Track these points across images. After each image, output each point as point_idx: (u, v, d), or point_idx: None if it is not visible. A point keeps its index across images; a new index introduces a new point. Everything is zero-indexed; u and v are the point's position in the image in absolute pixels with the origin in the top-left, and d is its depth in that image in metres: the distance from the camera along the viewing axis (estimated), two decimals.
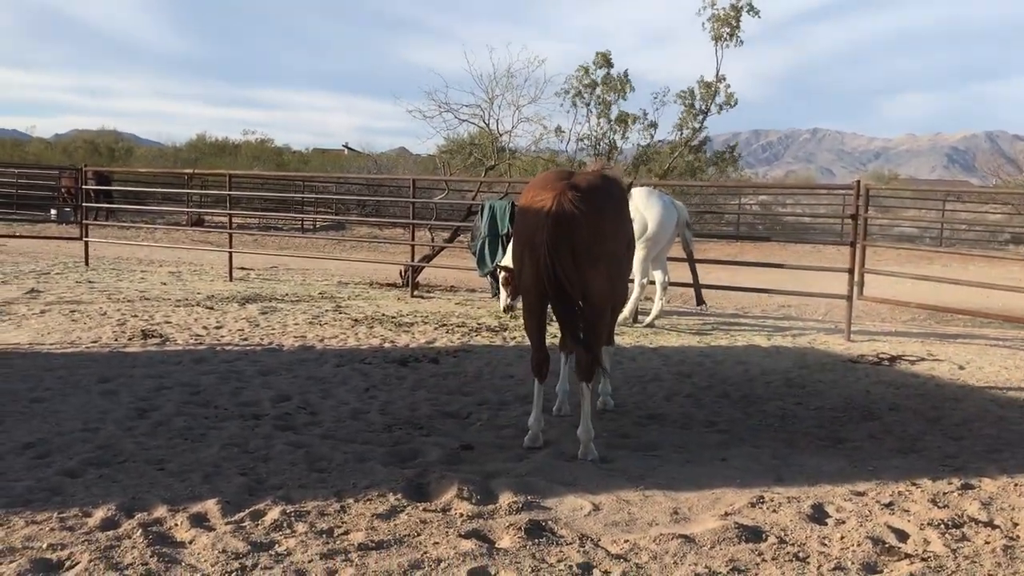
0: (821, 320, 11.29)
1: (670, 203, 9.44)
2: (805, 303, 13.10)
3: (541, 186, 4.84)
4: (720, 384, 6.82)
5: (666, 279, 9.68)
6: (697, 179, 20.84)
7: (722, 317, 11.12)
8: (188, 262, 16.75)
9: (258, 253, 18.45)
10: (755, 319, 11.07)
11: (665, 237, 9.38)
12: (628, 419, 5.67)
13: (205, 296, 11.26)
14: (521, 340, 8.55)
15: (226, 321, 9.26)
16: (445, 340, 8.56)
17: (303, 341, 8.24)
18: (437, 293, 12.89)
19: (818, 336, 9.58)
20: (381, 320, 9.69)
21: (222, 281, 13.46)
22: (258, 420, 5.36)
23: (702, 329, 9.82)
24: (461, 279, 14.65)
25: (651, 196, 9.36)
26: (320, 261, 17.92)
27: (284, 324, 9.22)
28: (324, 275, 15.48)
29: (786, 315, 11.93)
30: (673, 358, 7.91)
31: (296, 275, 15.21)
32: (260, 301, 10.98)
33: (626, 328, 9.51)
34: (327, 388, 6.29)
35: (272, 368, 6.91)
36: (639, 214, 9.18)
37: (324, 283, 13.94)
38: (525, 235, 4.77)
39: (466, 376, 6.87)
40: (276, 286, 13.00)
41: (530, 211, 4.75)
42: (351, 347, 8.05)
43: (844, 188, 14.87)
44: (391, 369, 7.04)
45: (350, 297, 11.87)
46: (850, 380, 7.14)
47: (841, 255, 20.41)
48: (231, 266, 13.79)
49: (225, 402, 5.76)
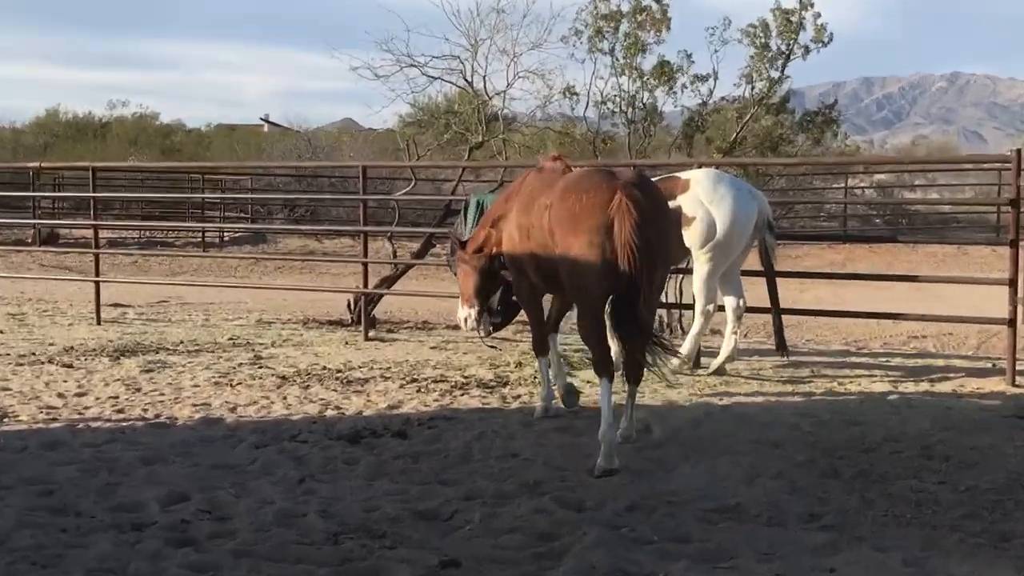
0: (971, 357, 11.28)
1: (748, 193, 9.51)
2: (947, 332, 13.10)
3: (588, 184, 6.92)
4: (824, 457, 6.80)
5: (742, 304, 9.72)
6: (780, 154, 20.93)
7: (825, 357, 11.11)
8: (36, 298, 16.81)
9: (139, 282, 18.52)
10: (874, 358, 11.07)
11: (740, 243, 9.45)
12: (688, 513, 5.65)
13: (61, 348, 11.26)
14: (528, 401, 8.56)
15: (92, 385, 9.22)
16: (416, 403, 8.55)
17: (206, 411, 8.21)
18: (403, 333, 12.90)
19: (968, 381, 9.57)
20: (321, 376, 9.68)
21: (86, 325, 13.46)
22: (141, 532, 5.34)
23: (796, 376, 9.82)
24: (439, 310, 14.67)
25: (718, 183, 9.44)
26: (231, 291, 17.96)
27: (178, 387, 9.19)
28: (237, 311, 15.51)
29: (920, 351, 11.93)
30: (755, 420, 7.87)
31: (196, 312, 15.23)
32: (142, 353, 10.99)
33: (684, 377, 9.53)
34: (242, 481, 6.26)
35: (160, 453, 6.87)
36: (701, 210, 9.26)
37: (237, 323, 13.95)
38: (584, 236, 6.71)
39: (448, 456, 6.84)
40: (166, 330, 13.01)
41: (582, 210, 6.74)
42: (277, 418, 8.02)
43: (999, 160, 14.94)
44: (336, 449, 7.01)
45: (275, 343, 11.89)
46: (1018, 446, 7.12)
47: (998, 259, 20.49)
48: (98, 302, 13.83)
49: (91, 507, 5.74)
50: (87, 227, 19.46)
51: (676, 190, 9.38)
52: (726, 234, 9.26)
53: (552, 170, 7.81)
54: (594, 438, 6.64)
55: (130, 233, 28.69)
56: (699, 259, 9.38)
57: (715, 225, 9.23)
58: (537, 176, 7.88)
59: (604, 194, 6.68)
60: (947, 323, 12.19)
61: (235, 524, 5.47)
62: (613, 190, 6.65)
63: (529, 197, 7.66)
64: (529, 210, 7.55)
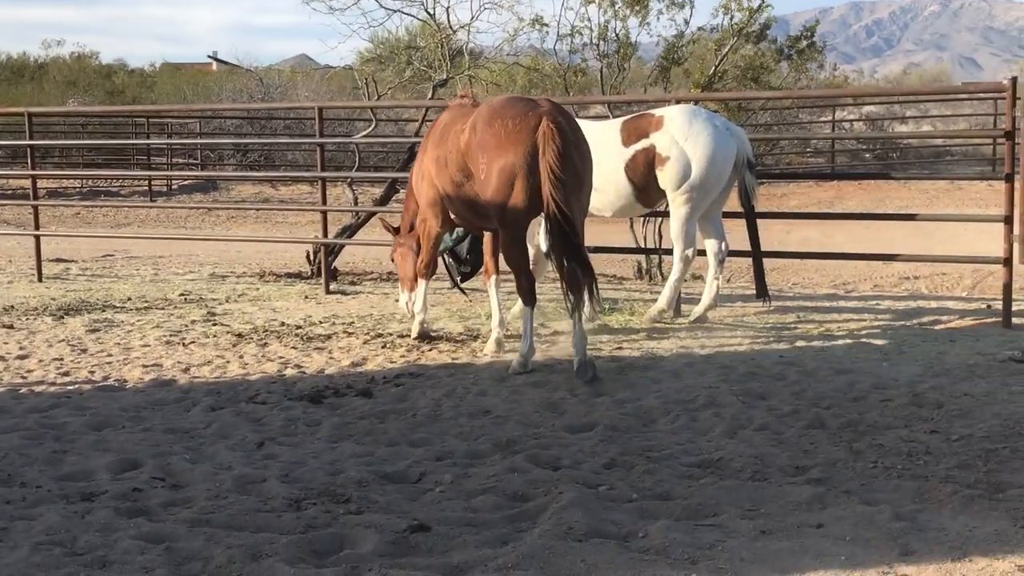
0: (965, 299, 11.40)
1: (724, 130, 9.52)
2: (939, 272, 13.21)
3: (513, 110, 7.69)
4: (811, 407, 6.87)
5: (724, 248, 9.76)
6: (762, 86, 20.88)
7: (812, 301, 11.20)
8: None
9: (82, 235, 18.37)
10: (863, 302, 11.17)
11: (719, 182, 9.48)
12: (668, 469, 5.71)
13: (0, 308, 11.22)
14: (496, 356, 8.61)
15: (35, 347, 9.21)
16: (381, 359, 8.59)
17: (157, 372, 8.23)
18: (367, 285, 12.90)
19: (962, 324, 9.67)
20: (280, 333, 9.70)
21: (26, 282, 13.39)
22: (91, 502, 5.34)
23: (782, 322, 9.91)
24: None
25: (694, 120, 9.43)
26: (181, 243, 17.87)
27: (127, 347, 9.19)
28: (188, 264, 15.44)
29: (911, 293, 12.04)
30: (737, 369, 7.95)
31: (144, 267, 15.16)
32: (88, 311, 10.97)
33: (663, 325, 9.59)
34: (198, 446, 6.28)
35: (110, 418, 6.88)
36: (675, 148, 9.26)
37: (188, 277, 13.91)
38: (509, 162, 7.57)
39: (416, 415, 6.88)
40: (112, 286, 12.96)
41: (507, 136, 7.58)
42: (233, 378, 8.04)
43: (994, 90, 15.00)
44: (297, 410, 7.04)
45: (230, 298, 11.88)
46: (1014, 392, 7.21)
47: (994, 194, 20.64)
48: (39, 258, 13.74)
49: (37, 476, 5.73)
50: (24, 177, 19.35)
51: (649, 128, 9.39)
52: (703, 174, 9.27)
53: (462, 106, 8.71)
54: (570, 395, 6.67)
55: (71, 183, 28.46)
56: (675, 201, 9.40)
57: (691, 165, 9.24)
58: (448, 113, 8.75)
59: (530, 119, 7.58)
60: (940, 263, 12.30)
61: (191, 492, 5.48)
62: (539, 116, 7.58)
63: (442, 131, 8.48)
64: (444, 141, 8.33)
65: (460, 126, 8.11)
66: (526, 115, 7.63)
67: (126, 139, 31.35)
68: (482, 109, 8.02)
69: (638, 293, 11.76)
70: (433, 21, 16.83)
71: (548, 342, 9.01)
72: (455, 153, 8.09)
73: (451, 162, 8.17)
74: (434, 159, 8.45)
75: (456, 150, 8.06)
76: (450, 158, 8.18)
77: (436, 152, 8.43)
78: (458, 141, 8.05)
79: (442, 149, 8.33)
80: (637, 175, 9.38)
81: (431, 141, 8.66)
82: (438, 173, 8.40)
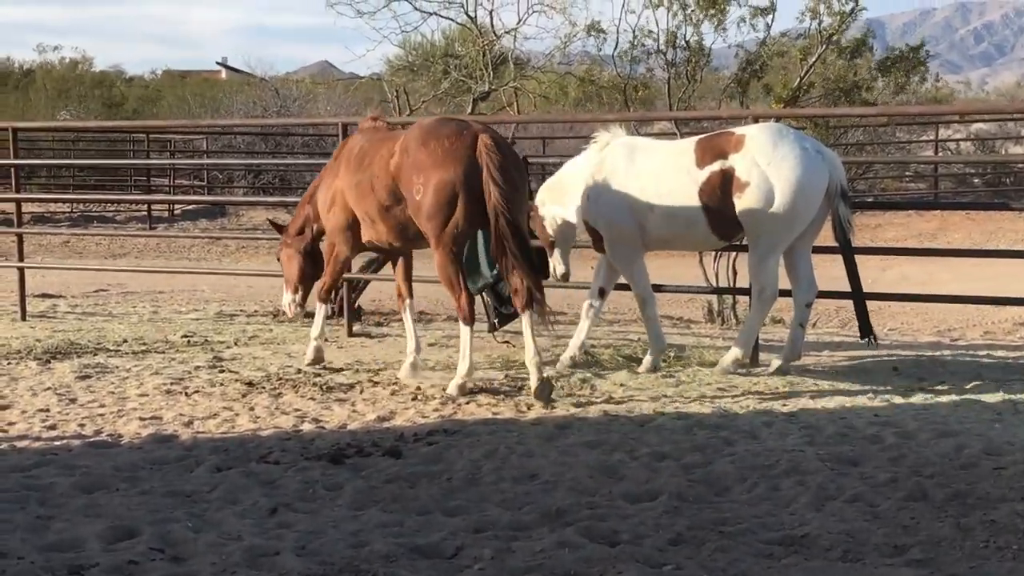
0: None
1: (814, 153, 9.43)
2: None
3: (445, 130, 8.87)
4: (911, 475, 6.79)
5: (810, 290, 9.69)
6: (855, 102, 20.80)
7: (913, 350, 11.09)
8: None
9: (72, 268, 18.50)
10: (972, 352, 11.04)
11: (807, 214, 9.38)
12: (745, 547, 5.66)
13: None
14: (544, 411, 8.58)
15: (17, 395, 9.22)
16: (412, 413, 8.57)
17: (157, 427, 8.21)
18: (395, 327, 12.89)
19: None
20: (296, 381, 9.70)
21: (8, 320, 13.46)
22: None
23: (877, 375, 9.82)
24: (438, 298, 14.67)
25: (780, 141, 9.36)
26: (184, 277, 17.98)
27: (122, 396, 9.19)
28: (192, 301, 15.51)
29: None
30: (825, 430, 7.87)
31: (141, 303, 15.25)
32: (78, 355, 11.01)
33: (739, 377, 9.53)
34: (202, 512, 6.26)
35: (102, 479, 6.87)
36: (757, 173, 9.19)
37: (192, 316, 13.96)
38: (449, 180, 8.63)
39: (452, 479, 6.84)
40: (106, 326, 13.03)
41: (445, 155, 8.68)
42: (243, 434, 8.02)
43: None
44: (316, 471, 7.01)
45: (239, 341, 11.92)
46: None
47: None
48: (23, 293, 13.82)
49: (19, 545, 5.72)
50: (7, 201, 19.50)
51: (727, 148, 9.34)
52: (788, 204, 9.17)
53: (376, 129, 9.82)
54: (630, 457, 6.63)
55: (60, 207, 28.71)
56: (755, 234, 9.35)
57: (774, 192, 9.15)
58: (361, 137, 9.80)
59: (466, 138, 8.74)
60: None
61: (194, 565, 5.46)
62: (474, 134, 8.76)
63: (360, 155, 9.44)
64: (367, 166, 9.27)
65: (386, 150, 9.15)
66: (461, 134, 8.79)
67: (123, 158, 31.69)
68: (412, 132, 9.07)
69: (708, 339, 11.68)
70: (474, 25, 16.93)
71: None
72: (383, 177, 9.09)
73: (378, 186, 9.15)
74: (352, 185, 9.42)
75: (384, 173, 9.06)
76: (377, 183, 9.16)
77: (355, 177, 9.39)
78: (386, 165, 9.04)
79: (364, 174, 9.29)
80: (711, 202, 9.34)
81: (345, 166, 9.59)
82: (359, 198, 9.39)
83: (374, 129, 9.84)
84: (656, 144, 9.57)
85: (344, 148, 9.95)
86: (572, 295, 12.43)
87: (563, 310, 10.86)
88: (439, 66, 19.65)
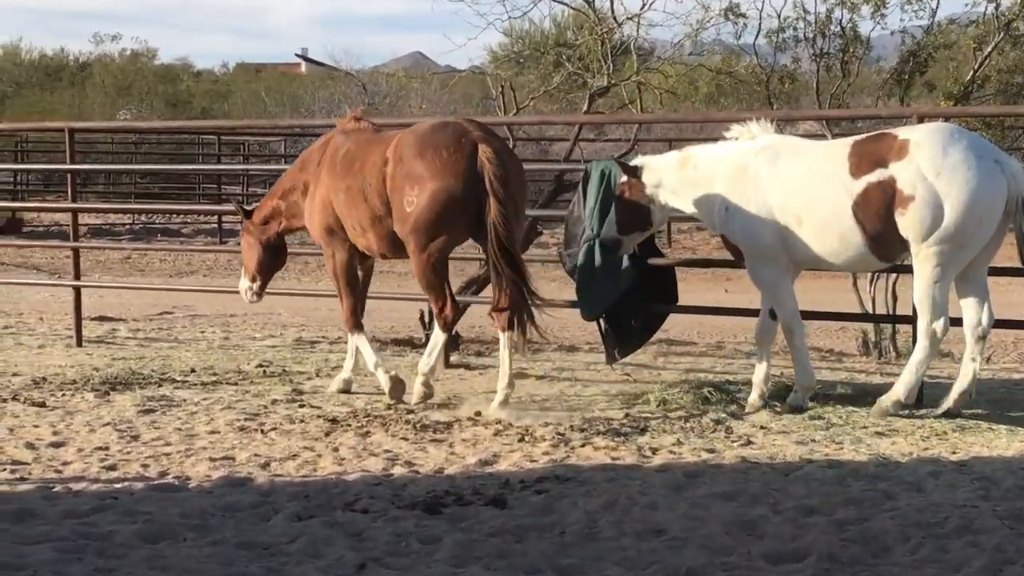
0: None
1: (992, 162, 9.19)
2: None
3: (442, 139, 9.40)
4: None
5: (986, 319, 9.48)
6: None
7: None
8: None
9: (133, 287, 18.76)
10: None
11: (982, 233, 9.18)
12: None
13: (29, 380, 11.39)
14: (677, 454, 8.53)
15: (73, 432, 9.28)
16: (518, 456, 8.53)
17: (229, 468, 8.23)
18: (498, 356, 12.79)
19: None
20: (385, 418, 9.71)
21: (62, 346, 13.69)
22: None
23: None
24: (548, 324, 14.47)
25: (951, 147, 9.13)
26: None
27: (190, 433, 9.24)
28: (267, 326, 15.67)
29: None
30: (1002, 483, 7.71)
31: (211, 328, 15.44)
32: (140, 386, 11.10)
33: (900, 422, 9.38)
34: (280, 566, 6.26)
35: (168, 527, 6.87)
36: (924, 185, 8.99)
37: (268, 343, 14.10)
38: (446, 191, 9.24)
39: (564, 533, 6.78)
40: (171, 353, 13.23)
41: (444, 166, 9.24)
42: (326, 477, 8.03)
43: None
44: (409, 522, 6.98)
45: (320, 372, 12.03)
46: None
47: None
48: (78, 315, 14.02)
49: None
50: (62, 211, 19.80)
51: (888, 155, 9.17)
52: (961, 221, 8.97)
53: (360, 130, 10.26)
54: (772, 511, 6.66)
55: (120, 218, 29.11)
56: (922, 256, 9.12)
57: (943, 208, 8.95)
58: (344, 138, 10.24)
59: (466, 148, 9.28)
60: None
61: None
62: (473, 144, 9.30)
63: (348, 160, 9.95)
64: (357, 171, 9.79)
65: (377, 156, 9.67)
66: (460, 143, 9.35)
67: (191, 162, 32.10)
68: (406, 139, 9.59)
69: (864, 375, 11.57)
70: (591, 10, 16.84)
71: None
72: (376, 184, 9.62)
73: (371, 195, 9.69)
74: (341, 190, 9.95)
75: (378, 182, 9.60)
76: (369, 191, 9.70)
77: (343, 182, 9.93)
78: (379, 174, 9.58)
79: (355, 180, 9.82)
80: (869, 218, 9.14)
81: (328, 170, 10.14)
82: (352, 205, 9.91)
83: (358, 130, 10.30)
84: (804, 146, 9.35)
85: (326, 150, 10.35)
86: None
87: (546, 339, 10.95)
88: (550, 57, 19.67)
